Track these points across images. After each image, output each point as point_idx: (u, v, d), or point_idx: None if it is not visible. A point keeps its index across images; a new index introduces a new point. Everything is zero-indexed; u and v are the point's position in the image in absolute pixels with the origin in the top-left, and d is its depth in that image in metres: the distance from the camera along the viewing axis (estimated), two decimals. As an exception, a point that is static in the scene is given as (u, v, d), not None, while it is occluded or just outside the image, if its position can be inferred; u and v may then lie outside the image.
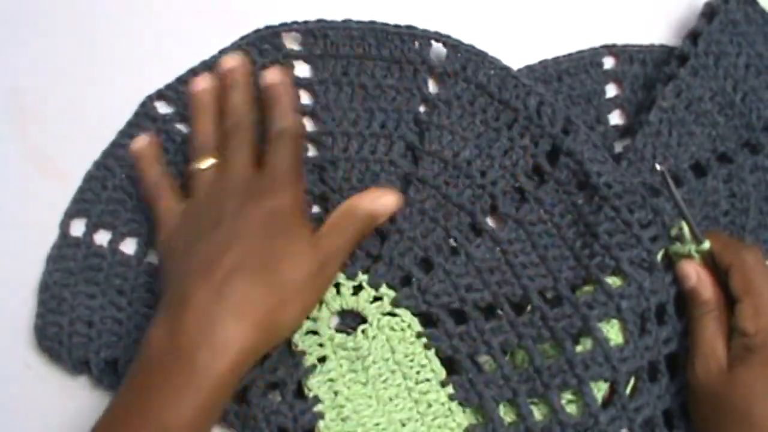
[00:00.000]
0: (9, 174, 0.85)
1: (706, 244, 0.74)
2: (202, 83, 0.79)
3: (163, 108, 0.84)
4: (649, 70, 0.85)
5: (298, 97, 0.83)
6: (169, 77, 0.84)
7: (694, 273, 0.75)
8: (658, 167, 0.73)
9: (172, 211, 0.76)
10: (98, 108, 0.84)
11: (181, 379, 0.66)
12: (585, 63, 0.85)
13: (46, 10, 0.86)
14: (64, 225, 0.83)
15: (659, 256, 0.77)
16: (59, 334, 0.80)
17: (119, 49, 0.86)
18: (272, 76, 0.77)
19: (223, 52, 0.83)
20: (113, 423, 0.67)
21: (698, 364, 0.73)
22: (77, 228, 0.83)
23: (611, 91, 0.86)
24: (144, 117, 0.84)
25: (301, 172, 0.77)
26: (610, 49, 0.86)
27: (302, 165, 0.77)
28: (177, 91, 0.83)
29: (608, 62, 0.86)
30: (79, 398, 0.81)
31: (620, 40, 0.86)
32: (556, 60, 0.85)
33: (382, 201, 0.77)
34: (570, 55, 0.85)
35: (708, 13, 0.82)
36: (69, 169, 0.84)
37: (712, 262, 0.75)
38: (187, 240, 0.73)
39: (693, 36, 0.82)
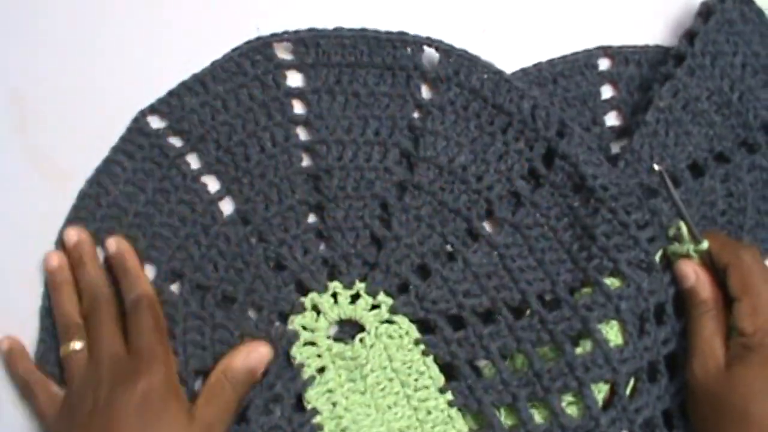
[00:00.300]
0: (9, 174, 0.84)
1: (705, 244, 0.74)
2: (53, 262, 0.80)
3: (155, 122, 0.83)
4: (645, 71, 0.85)
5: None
6: (168, 77, 0.83)
7: (693, 273, 0.74)
8: (656, 167, 0.73)
9: (51, 401, 0.76)
10: (98, 108, 0.83)
11: None
12: (580, 65, 0.84)
13: (47, 11, 0.86)
14: (60, 244, 0.82)
15: (657, 257, 0.76)
16: (58, 354, 0.79)
17: (119, 49, 0.85)
18: (111, 246, 0.79)
19: (214, 64, 0.83)
20: None
21: (696, 363, 0.73)
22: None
23: (607, 92, 0.85)
24: (137, 132, 0.83)
25: (166, 340, 0.76)
26: (606, 51, 0.85)
27: (165, 332, 0.77)
28: (169, 104, 0.82)
29: (603, 63, 0.85)
30: None
31: (616, 41, 0.85)
32: (551, 62, 0.84)
33: (255, 355, 0.76)
34: (565, 56, 0.85)
35: (704, 13, 0.81)
36: (69, 170, 0.83)
37: (710, 262, 0.75)
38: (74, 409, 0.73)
39: (689, 36, 0.81)
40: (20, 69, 0.85)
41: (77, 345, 0.76)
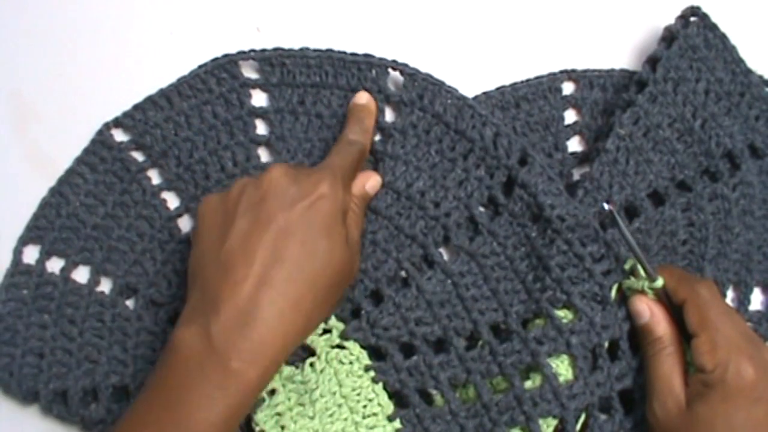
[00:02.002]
0: (9, 174, 0.80)
1: (659, 282, 0.67)
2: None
3: (119, 136, 0.78)
4: (610, 96, 0.78)
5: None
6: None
7: (647, 310, 0.68)
8: (606, 206, 0.66)
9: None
10: (98, 109, 0.79)
11: (215, 382, 0.60)
12: (543, 89, 0.78)
13: (47, 13, 0.82)
14: (17, 252, 0.77)
15: (613, 291, 0.70)
16: (10, 366, 0.75)
17: (120, 50, 0.81)
18: (361, 98, 0.75)
19: (181, 79, 0.78)
20: (140, 420, 0.61)
21: (656, 403, 0.67)
22: (30, 255, 0.78)
23: (570, 117, 0.79)
24: (100, 145, 0.78)
25: (352, 180, 0.72)
26: (570, 74, 0.79)
27: (355, 174, 0.72)
28: (133, 118, 0.77)
29: (568, 88, 0.79)
30: (29, 426, 0.76)
31: (581, 65, 0.79)
32: (514, 86, 0.78)
33: (372, 182, 0.73)
34: (528, 80, 0.78)
35: (667, 38, 0.75)
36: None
37: (666, 297, 0.68)
38: (224, 219, 0.66)
39: (652, 61, 0.75)
40: (20, 69, 0.81)
41: None
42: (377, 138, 0.75)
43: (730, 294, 0.76)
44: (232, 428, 0.61)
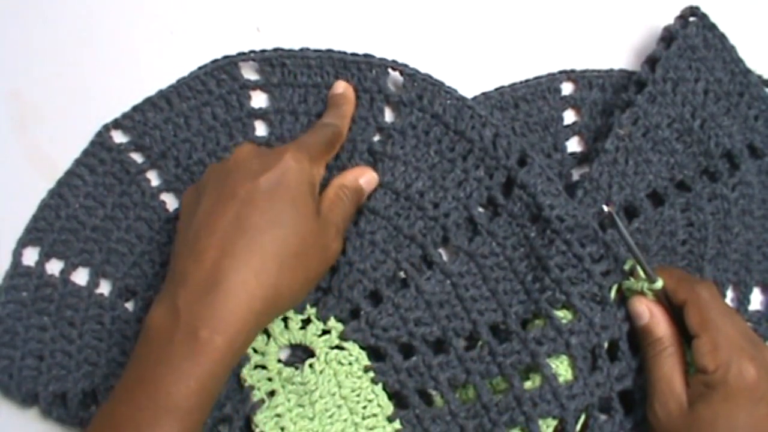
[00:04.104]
0: (9, 174, 0.80)
1: (659, 284, 0.67)
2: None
3: (118, 137, 0.78)
4: (609, 96, 0.78)
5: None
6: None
7: (647, 311, 0.68)
8: (605, 208, 0.65)
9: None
10: (97, 109, 0.78)
11: (184, 353, 0.60)
12: (542, 89, 0.78)
13: (47, 13, 0.81)
14: (17, 254, 0.77)
15: (613, 291, 0.69)
16: (9, 368, 0.74)
17: (119, 50, 0.80)
18: (339, 86, 0.75)
19: (180, 81, 0.77)
20: (117, 399, 0.61)
21: (657, 403, 0.66)
22: (30, 257, 0.77)
23: (569, 117, 0.78)
24: (100, 146, 0.77)
25: (327, 158, 0.72)
26: (569, 75, 0.78)
27: (329, 157, 0.73)
28: (133, 120, 0.77)
29: (567, 88, 0.79)
30: (28, 428, 0.76)
31: (579, 65, 0.78)
32: (513, 87, 0.77)
33: (366, 177, 0.72)
34: (527, 81, 0.78)
35: (667, 38, 0.75)
36: (68, 170, 0.79)
37: (666, 298, 0.68)
38: (195, 202, 0.67)
39: (651, 61, 0.74)
40: (20, 69, 0.81)
41: None
42: (376, 138, 0.75)
43: (729, 294, 0.75)
44: (205, 401, 0.61)
